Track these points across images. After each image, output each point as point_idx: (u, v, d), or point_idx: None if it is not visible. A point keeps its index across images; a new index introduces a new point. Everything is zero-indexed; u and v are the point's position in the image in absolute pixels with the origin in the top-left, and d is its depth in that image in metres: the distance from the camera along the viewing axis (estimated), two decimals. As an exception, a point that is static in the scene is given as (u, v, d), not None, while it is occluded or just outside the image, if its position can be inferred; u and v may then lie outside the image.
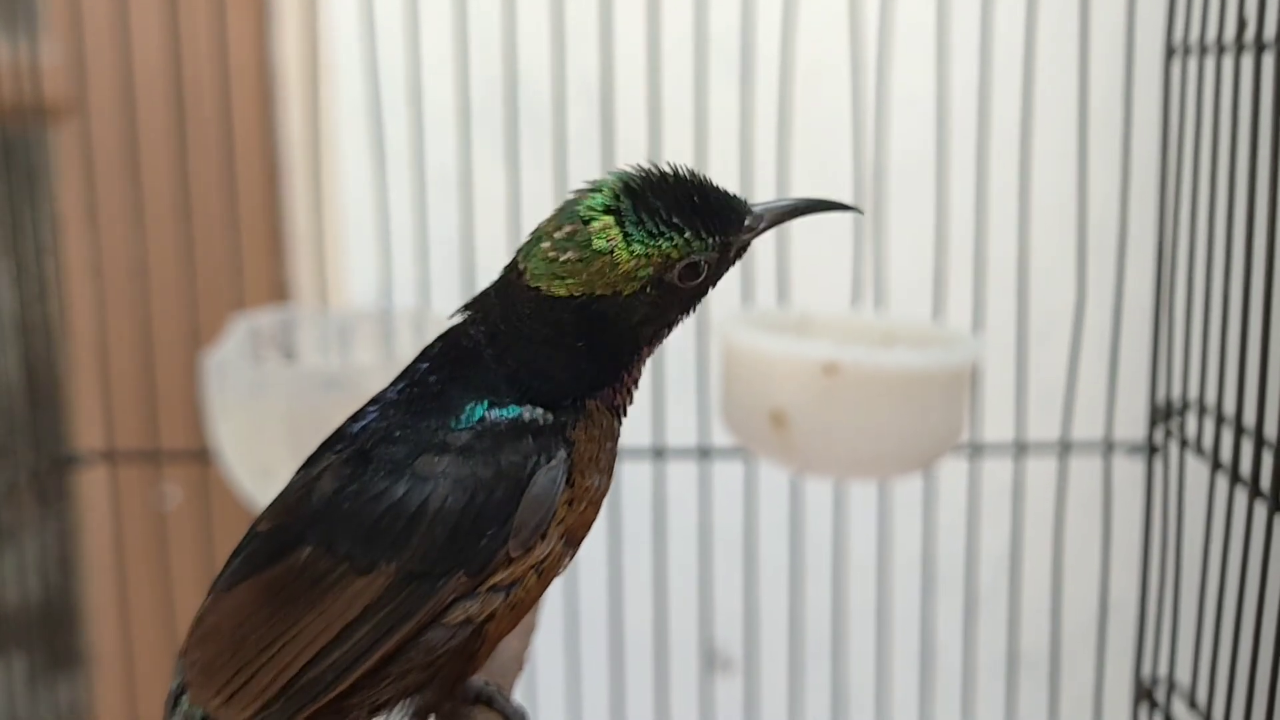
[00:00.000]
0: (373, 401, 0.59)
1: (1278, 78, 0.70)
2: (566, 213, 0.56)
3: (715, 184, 0.56)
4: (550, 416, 0.55)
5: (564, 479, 0.54)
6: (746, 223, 0.57)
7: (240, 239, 1.21)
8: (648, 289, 0.55)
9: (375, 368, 0.92)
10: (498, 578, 0.53)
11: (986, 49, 1.06)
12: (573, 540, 0.56)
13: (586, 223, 0.54)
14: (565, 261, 0.55)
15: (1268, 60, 0.73)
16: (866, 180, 1.11)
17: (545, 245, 0.55)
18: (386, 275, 1.12)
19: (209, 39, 1.18)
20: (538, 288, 0.55)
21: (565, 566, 0.57)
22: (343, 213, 1.24)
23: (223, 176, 1.20)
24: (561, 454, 0.54)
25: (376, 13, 1.08)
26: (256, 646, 0.53)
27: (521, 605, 0.55)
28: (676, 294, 0.56)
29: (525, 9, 1.08)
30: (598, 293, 0.55)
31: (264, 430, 0.92)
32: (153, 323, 1.19)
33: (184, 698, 0.56)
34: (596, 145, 1.10)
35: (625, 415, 0.60)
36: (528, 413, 0.55)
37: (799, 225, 1.12)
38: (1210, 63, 0.84)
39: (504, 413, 0.55)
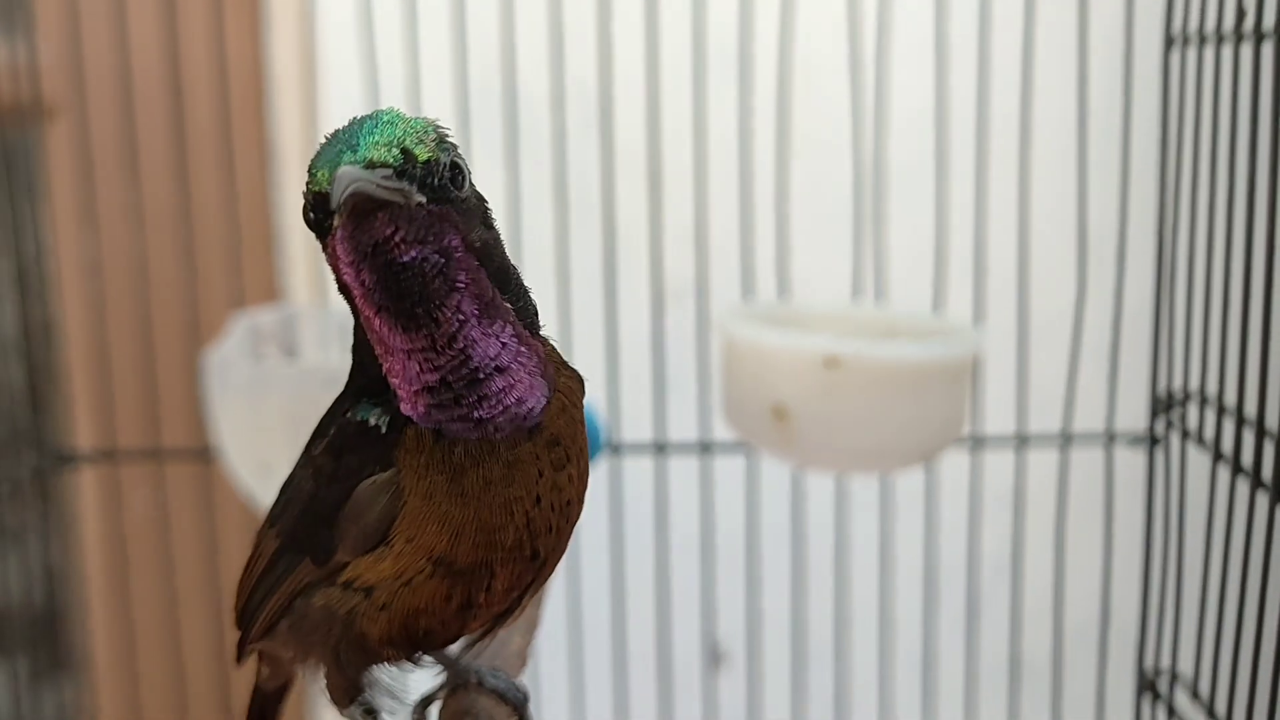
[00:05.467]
0: None
1: (1277, 67, 0.70)
2: None
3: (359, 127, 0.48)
4: (386, 427, 0.51)
5: (390, 495, 0.50)
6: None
7: (239, 237, 1.21)
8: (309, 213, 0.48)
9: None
10: (347, 576, 0.53)
11: (985, 39, 1.06)
12: (455, 565, 0.51)
13: None
14: None
15: (1267, 49, 0.73)
16: (866, 171, 1.10)
17: None
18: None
19: (205, 38, 1.18)
20: None
21: (491, 588, 0.52)
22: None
23: (220, 175, 1.20)
24: (393, 469, 0.50)
25: (374, 13, 1.08)
26: (241, 574, 0.60)
27: (405, 615, 0.52)
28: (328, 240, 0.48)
29: (523, 10, 1.08)
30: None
31: (265, 428, 0.91)
32: (152, 321, 1.19)
33: None
34: (595, 146, 1.10)
35: (466, 421, 0.49)
36: (374, 417, 0.52)
37: (799, 219, 1.12)
38: (1210, 52, 0.84)
39: (362, 413, 0.52)
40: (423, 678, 0.61)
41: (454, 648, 0.60)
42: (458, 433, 0.49)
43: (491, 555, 0.51)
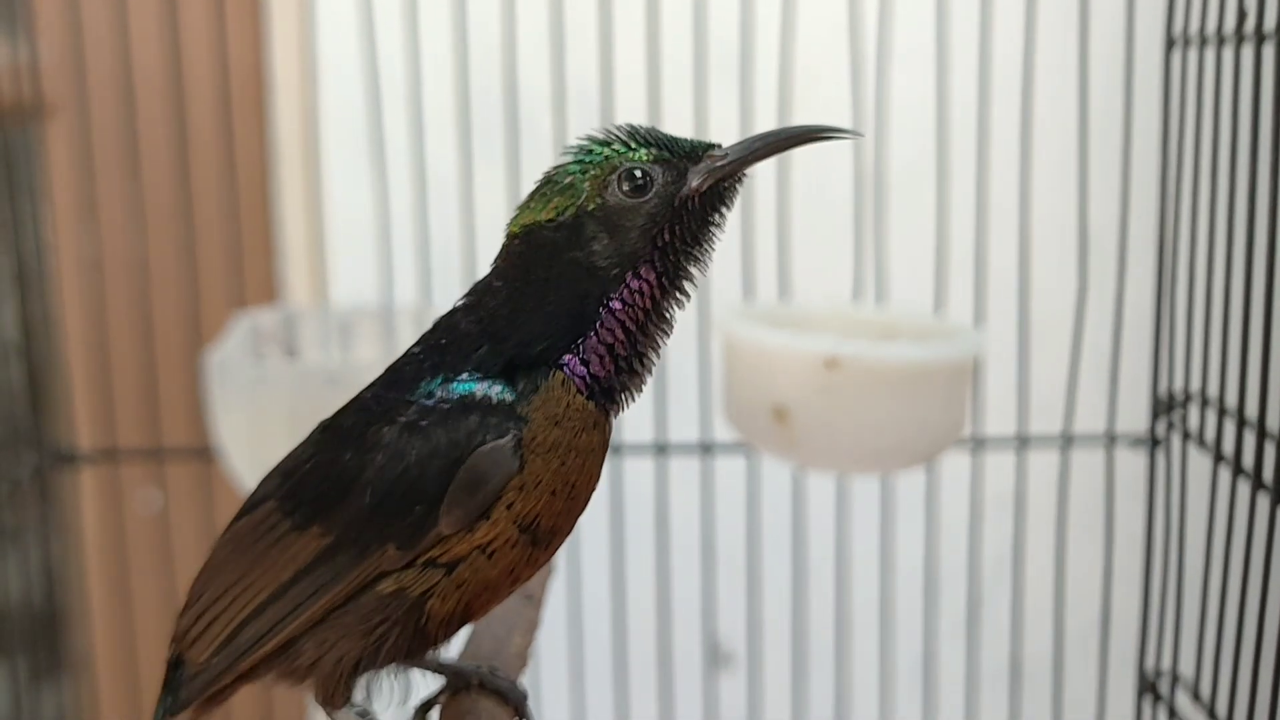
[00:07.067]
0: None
1: (1278, 68, 0.70)
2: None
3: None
4: (507, 395, 0.53)
5: (515, 460, 0.52)
6: (713, 153, 0.56)
7: (240, 237, 1.21)
8: (591, 207, 0.55)
9: (376, 364, 0.92)
10: (433, 553, 0.53)
11: (986, 41, 1.06)
12: (538, 530, 0.54)
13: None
14: (525, 204, 0.56)
15: (1268, 51, 0.73)
16: (867, 172, 1.10)
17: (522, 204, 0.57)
18: (387, 273, 1.11)
19: (206, 38, 1.18)
20: (509, 234, 0.56)
21: (535, 561, 0.55)
22: (340, 211, 1.23)
23: (221, 174, 1.20)
24: (512, 434, 0.52)
25: (374, 12, 1.08)
26: (215, 594, 0.57)
27: (476, 589, 0.54)
28: (626, 214, 0.54)
29: (524, 12, 1.08)
30: (542, 219, 0.55)
31: (265, 427, 0.91)
32: (153, 321, 1.19)
33: None
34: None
35: (613, 401, 0.56)
36: (480, 390, 0.53)
37: (799, 219, 1.12)
38: (1210, 54, 0.84)
39: (456, 388, 0.54)
40: (424, 682, 0.61)
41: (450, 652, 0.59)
42: (605, 400, 0.55)
43: (561, 522, 0.54)
